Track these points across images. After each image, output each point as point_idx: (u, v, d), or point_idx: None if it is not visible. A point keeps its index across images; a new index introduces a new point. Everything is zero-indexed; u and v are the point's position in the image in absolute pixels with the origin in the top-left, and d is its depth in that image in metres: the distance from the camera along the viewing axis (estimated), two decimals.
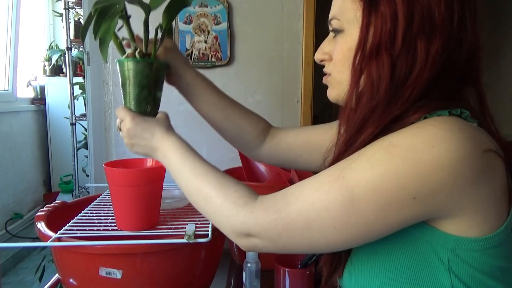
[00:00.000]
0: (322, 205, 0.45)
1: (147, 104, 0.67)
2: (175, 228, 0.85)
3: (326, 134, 0.69)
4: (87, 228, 0.86)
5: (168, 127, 0.65)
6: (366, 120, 0.49)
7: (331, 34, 0.57)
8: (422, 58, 0.46)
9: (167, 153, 0.62)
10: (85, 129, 2.34)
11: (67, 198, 2.17)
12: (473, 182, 0.42)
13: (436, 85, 0.48)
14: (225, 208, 0.52)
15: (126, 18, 0.65)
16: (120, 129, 0.67)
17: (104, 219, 0.92)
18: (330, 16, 0.55)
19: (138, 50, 0.66)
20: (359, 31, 0.49)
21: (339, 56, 0.54)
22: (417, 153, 0.42)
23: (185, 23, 1.61)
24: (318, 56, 0.59)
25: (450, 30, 0.46)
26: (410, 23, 0.46)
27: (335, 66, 0.55)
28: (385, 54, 0.47)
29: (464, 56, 0.48)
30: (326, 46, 0.57)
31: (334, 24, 0.54)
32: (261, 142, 0.78)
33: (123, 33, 0.67)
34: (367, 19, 0.48)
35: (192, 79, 0.74)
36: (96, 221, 0.91)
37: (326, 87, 0.59)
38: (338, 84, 0.55)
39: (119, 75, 0.67)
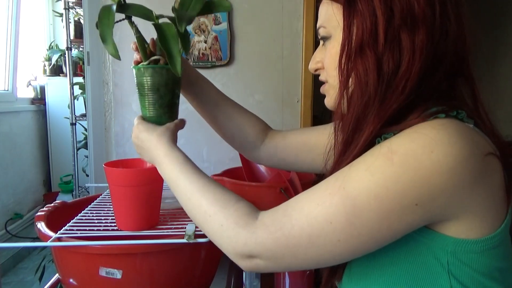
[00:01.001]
0: (325, 218, 0.44)
1: (175, 109, 0.68)
2: (175, 228, 0.86)
3: (323, 135, 0.69)
4: (87, 228, 0.86)
5: (168, 138, 0.63)
6: (361, 118, 0.49)
7: (321, 43, 0.58)
8: (408, 50, 0.46)
9: (162, 164, 0.61)
10: (85, 129, 2.34)
11: (67, 198, 2.17)
12: (472, 185, 0.42)
13: (430, 81, 0.48)
14: (225, 229, 0.51)
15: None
16: None
17: (104, 219, 0.92)
18: (318, 25, 0.56)
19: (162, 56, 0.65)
20: (342, 33, 0.50)
21: (329, 61, 0.54)
22: (416, 159, 0.41)
23: None
24: (311, 66, 0.59)
25: (433, 22, 0.46)
26: (390, 18, 0.46)
27: (328, 72, 0.56)
28: (368, 51, 0.47)
29: (451, 48, 0.48)
30: (318, 55, 0.58)
31: (321, 32, 0.55)
32: (260, 143, 0.78)
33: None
34: (347, 20, 0.49)
35: (195, 80, 0.74)
36: (96, 221, 0.91)
37: None
38: (333, 90, 0.55)
39: (141, 82, 0.65)
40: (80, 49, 2.80)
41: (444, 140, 0.42)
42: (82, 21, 2.57)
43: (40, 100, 3.14)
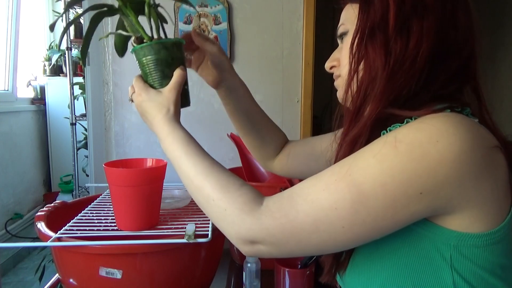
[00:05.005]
0: (330, 204, 0.45)
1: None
2: (175, 228, 0.86)
3: (330, 142, 0.69)
4: (87, 228, 0.86)
5: (171, 114, 0.60)
6: (368, 91, 0.50)
7: (340, 44, 0.60)
8: (417, 32, 0.48)
9: (165, 141, 0.59)
10: (85, 129, 2.34)
11: (67, 198, 2.17)
12: (476, 177, 0.42)
13: (439, 73, 0.49)
14: (229, 214, 0.51)
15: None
16: (132, 100, 0.65)
17: (104, 219, 0.92)
18: (339, 25, 0.58)
19: (151, 35, 0.63)
20: (357, 22, 0.52)
21: (345, 53, 0.56)
22: (422, 148, 0.42)
23: (185, 23, 1.61)
24: (327, 64, 0.61)
25: (443, 12, 0.48)
26: (401, 6, 0.48)
27: (343, 67, 0.57)
28: (378, 33, 0.49)
29: (460, 39, 0.50)
30: (336, 54, 0.61)
31: (340, 29, 0.58)
32: (276, 154, 0.82)
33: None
34: (362, 11, 0.51)
35: (234, 86, 0.74)
36: (96, 221, 0.91)
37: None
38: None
39: (141, 65, 0.64)
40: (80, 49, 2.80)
41: (449, 130, 0.42)
42: (82, 21, 2.57)
43: (40, 100, 3.14)
